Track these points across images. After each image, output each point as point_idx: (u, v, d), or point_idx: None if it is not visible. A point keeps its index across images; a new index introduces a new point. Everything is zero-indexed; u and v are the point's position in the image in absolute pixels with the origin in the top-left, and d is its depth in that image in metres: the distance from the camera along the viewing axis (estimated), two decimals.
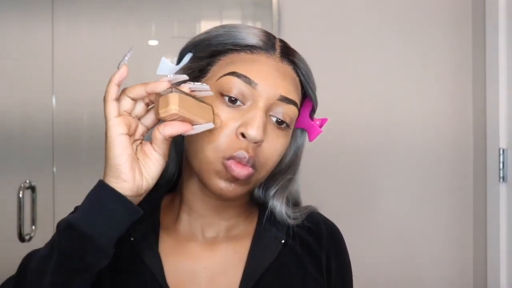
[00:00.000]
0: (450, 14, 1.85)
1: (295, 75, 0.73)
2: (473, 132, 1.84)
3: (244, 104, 0.68)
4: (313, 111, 0.79)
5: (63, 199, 1.69)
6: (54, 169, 1.70)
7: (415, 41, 1.84)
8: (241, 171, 0.67)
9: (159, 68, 0.74)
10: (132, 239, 0.73)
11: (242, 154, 0.67)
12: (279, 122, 0.71)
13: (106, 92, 0.62)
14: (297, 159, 0.81)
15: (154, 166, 0.65)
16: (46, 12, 1.70)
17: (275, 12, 1.76)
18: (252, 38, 0.71)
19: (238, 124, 0.67)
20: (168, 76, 0.62)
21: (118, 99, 0.62)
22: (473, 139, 1.84)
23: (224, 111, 0.68)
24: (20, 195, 1.61)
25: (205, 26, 1.77)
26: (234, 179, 0.68)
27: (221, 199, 0.74)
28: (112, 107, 0.61)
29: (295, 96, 0.72)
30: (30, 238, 1.64)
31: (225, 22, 1.82)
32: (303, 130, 0.81)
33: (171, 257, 0.74)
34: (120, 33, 1.74)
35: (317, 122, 0.79)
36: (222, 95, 0.68)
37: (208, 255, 0.75)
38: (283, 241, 0.77)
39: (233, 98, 0.68)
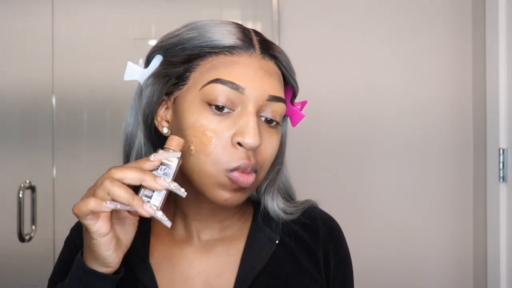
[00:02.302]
0: (450, 12, 1.85)
1: (277, 69, 0.71)
2: (473, 132, 1.84)
3: (233, 110, 0.66)
4: (294, 96, 0.77)
5: (63, 199, 1.69)
6: (54, 169, 1.70)
7: (414, 41, 1.84)
8: (248, 180, 0.66)
9: (126, 74, 0.72)
10: None
11: (246, 164, 0.65)
12: (269, 121, 0.69)
13: (78, 209, 0.59)
14: (282, 148, 0.78)
15: (131, 229, 0.65)
16: (45, 12, 1.70)
17: (275, 12, 1.76)
18: (229, 37, 0.68)
19: (232, 133, 0.66)
20: (156, 212, 0.60)
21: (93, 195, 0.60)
22: (473, 139, 1.84)
23: (213, 121, 0.66)
24: (20, 195, 1.61)
25: None
26: (240, 189, 0.67)
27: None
28: (88, 223, 0.60)
29: (281, 92, 0.70)
30: (30, 238, 1.64)
31: None
32: (285, 116, 0.78)
33: (165, 265, 0.73)
34: (120, 33, 1.74)
35: (298, 107, 0.77)
36: (209, 104, 0.66)
37: (203, 259, 0.74)
38: (277, 242, 0.76)
39: (220, 106, 0.66)
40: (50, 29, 1.70)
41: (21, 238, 1.61)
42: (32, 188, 1.65)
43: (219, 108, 0.66)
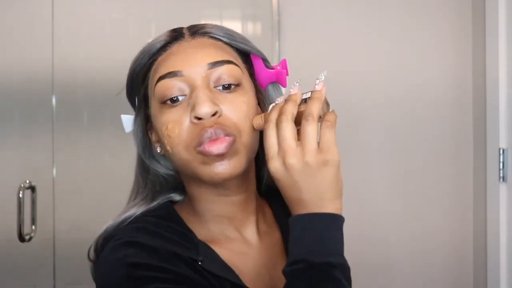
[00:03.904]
0: (450, 9, 1.85)
1: (214, 40, 0.72)
2: (473, 132, 1.84)
3: (186, 96, 0.68)
4: (265, 61, 0.76)
5: (63, 199, 1.69)
6: (54, 169, 1.70)
7: (413, 42, 1.84)
8: (220, 146, 0.66)
9: (126, 127, 0.77)
10: (200, 262, 0.68)
11: (207, 133, 0.65)
12: (227, 87, 0.69)
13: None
14: None
15: None
16: (45, 12, 1.70)
17: (275, 12, 1.76)
18: (160, 40, 0.72)
19: (189, 113, 0.67)
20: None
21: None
22: (473, 139, 1.84)
23: (171, 114, 0.68)
24: (20, 195, 1.61)
25: None
26: (220, 157, 0.66)
27: (229, 184, 0.71)
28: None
29: (225, 55, 0.70)
30: (30, 238, 1.63)
31: (225, 22, 1.83)
32: (274, 84, 0.77)
33: (238, 263, 0.72)
34: (120, 33, 1.74)
35: (278, 67, 0.77)
36: (164, 102, 0.68)
37: (257, 254, 0.75)
38: None
39: (174, 98, 0.68)
40: (50, 28, 1.70)
41: (21, 238, 1.61)
42: (32, 188, 1.65)
43: (174, 101, 0.68)
